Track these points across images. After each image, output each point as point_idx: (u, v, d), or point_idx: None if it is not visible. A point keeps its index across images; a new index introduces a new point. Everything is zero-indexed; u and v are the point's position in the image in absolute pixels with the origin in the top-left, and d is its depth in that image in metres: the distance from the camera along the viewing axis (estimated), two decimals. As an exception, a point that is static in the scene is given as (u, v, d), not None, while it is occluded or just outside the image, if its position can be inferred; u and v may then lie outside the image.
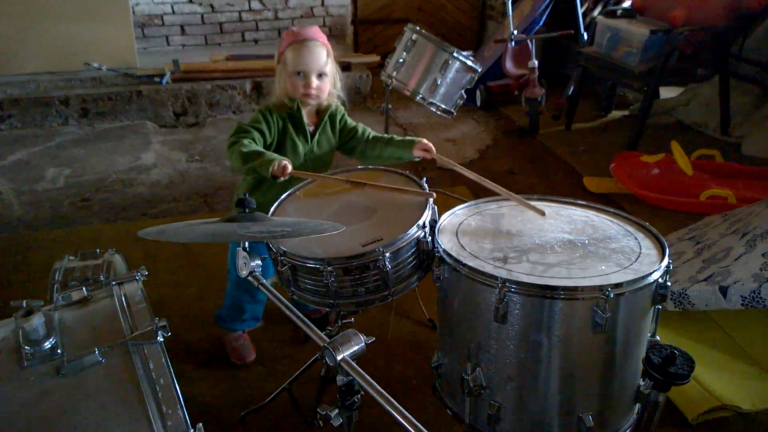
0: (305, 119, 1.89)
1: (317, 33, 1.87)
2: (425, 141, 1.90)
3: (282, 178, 1.66)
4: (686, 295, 2.13)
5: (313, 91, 1.84)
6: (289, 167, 1.66)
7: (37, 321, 1.08)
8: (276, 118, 1.86)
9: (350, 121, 2.02)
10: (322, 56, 1.84)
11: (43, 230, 3.06)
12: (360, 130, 2.01)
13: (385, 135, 2.01)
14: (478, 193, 3.40)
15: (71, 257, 1.85)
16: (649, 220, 1.53)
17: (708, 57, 3.79)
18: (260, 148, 1.77)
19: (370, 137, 2.00)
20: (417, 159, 1.93)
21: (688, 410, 1.89)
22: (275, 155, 1.71)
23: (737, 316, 2.21)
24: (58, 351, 1.08)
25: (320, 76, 1.85)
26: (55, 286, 1.69)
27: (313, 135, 1.92)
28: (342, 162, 2.09)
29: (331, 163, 2.04)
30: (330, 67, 1.88)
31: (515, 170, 3.74)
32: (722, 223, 2.65)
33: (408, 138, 1.94)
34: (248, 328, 2.18)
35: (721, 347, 2.15)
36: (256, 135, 1.81)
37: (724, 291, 2.04)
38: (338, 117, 1.99)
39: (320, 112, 1.95)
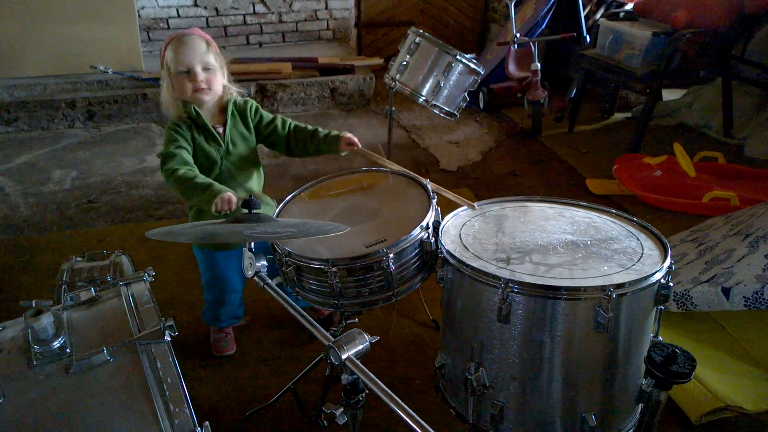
0: (208, 122, 1.81)
1: (194, 29, 1.81)
2: (348, 135, 1.86)
3: (228, 211, 1.57)
4: (689, 296, 2.14)
5: (203, 85, 1.75)
6: (234, 198, 1.57)
7: (46, 320, 1.09)
8: (183, 128, 1.79)
9: (266, 114, 1.95)
10: (202, 47, 1.75)
11: (50, 232, 3.08)
12: (279, 122, 1.93)
13: (308, 126, 1.94)
14: (481, 195, 3.41)
15: (78, 258, 1.87)
16: (651, 221, 1.54)
17: (710, 59, 3.80)
18: (195, 174, 1.70)
19: (292, 128, 1.94)
20: (343, 153, 1.91)
21: (691, 411, 1.89)
22: (215, 189, 1.61)
23: (740, 318, 2.21)
24: (67, 350, 1.10)
25: (206, 69, 1.76)
26: (63, 286, 1.70)
27: (223, 136, 1.84)
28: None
29: (258, 161, 1.96)
30: (214, 59, 1.78)
31: (518, 172, 3.75)
32: (725, 225, 2.66)
33: (332, 133, 1.89)
34: (230, 325, 2.21)
35: (724, 348, 2.15)
36: (183, 152, 1.75)
37: (726, 292, 2.05)
38: (250, 111, 1.90)
39: (224, 110, 1.86)
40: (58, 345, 1.10)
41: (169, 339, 1.12)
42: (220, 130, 1.84)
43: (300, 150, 1.94)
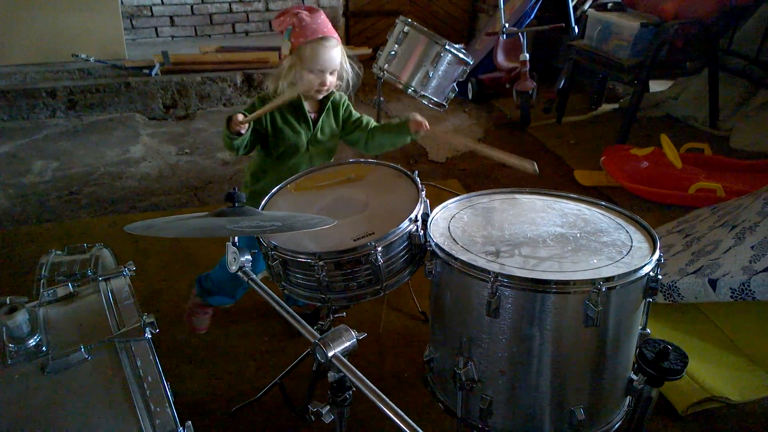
0: (306, 107, 1.88)
1: (331, 27, 1.85)
2: (417, 117, 1.90)
3: (241, 130, 1.70)
4: (676, 287, 2.14)
5: (325, 88, 1.85)
6: (239, 116, 1.69)
7: (21, 318, 1.06)
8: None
9: (355, 113, 2.02)
10: (339, 56, 1.85)
11: (30, 224, 3.02)
12: (365, 122, 2.01)
13: (383, 121, 2.02)
14: (470, 185, 3.40)
15: (58, 252, 1.82)
16: (638, 212, 1.53)
17: (697, 50, 3.80)
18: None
19: (372, 126, 2.01)
20: (417, 138, 1.93)
21: (677, 402, 1.90)
22: (228, 118, 1.73)
23: (726, 309, 2.22)
24: (43, 348, 1.07)
25: (333, 72, 1.85)
26: (42, 281, 1.66)
27: (315, 122, 1.92)
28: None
29: (335, 151, 2.04)
30: (343, 63, 1.89)
31: (506, 163, 3.74)
32: (711, 216, 2.67)
33: (401, 121, 1.94)
34: (219, 305, 2.15)
35: (711, 339, 2.16)
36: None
37: (713, 283, 2.05)
38: (342, 107, 1.98)
39: (322, 99, 1.94)
40: (34, 343, 1.06)
41: (149, 336, 1.09)
42: (313, 116, 1.92)
43: (376, 145, 1.99)
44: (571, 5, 4.36)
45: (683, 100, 4.39)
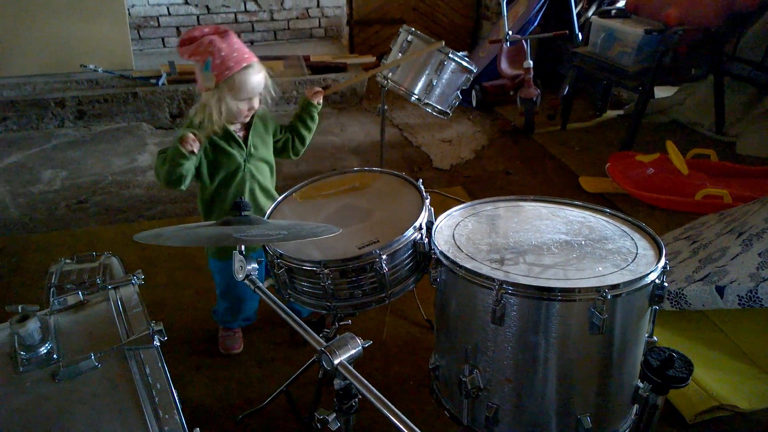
0: (232, 129, 1.86)
1: (247, 49, 1.80)
2: (310, 91, 2.00)
3: (194, 148, 1.70)
4: (683, 294, 2.13)
5: (254, 110, 1.85)
6: (190, 135, 1.68)
7: (33, 326, 1.07)
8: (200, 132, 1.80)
9: (276, 124, 2.03)
10: (263, 77, 1.82)
11: (39, 233, 3.05)
12: (285, 126, 2.05)
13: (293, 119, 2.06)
14: (474, 193, 3.40)
15: (67, 260, 1.83)
16: (644, 219, 1.53)
17: (702, 56, 3.80)
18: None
19: (289, 126, 2.05)
20: (319, 104, 2.01)
21: (685, 410, 1.89)
22: (177, 138, 1.72)
23: (734, 316, 2.21)
24: (54, 356, 1.08)
25: (259, 93, 1.85)
26: (51, 289, 1.67)
27: (245, 140, 1.89)
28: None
29: (272, 161, 2.03)
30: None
31: (511, 170, 3.75)
32: (718, 223, 2.66)
33: (300, 104, 2.03)
34: (240, 327, 2.22)
35: (719, 347, 2.15)
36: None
37: (720, 291, 2.04)
38: (268, 119, 1.98)
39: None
40: (45, 351, 1.07)
41: (158, 344, 1.10)
42: (242, 134, 1.90)
43: (298, 136, 2.03)
44: (574, 12, 4.37)
45: (689, 106, 4.38)
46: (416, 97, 2.49)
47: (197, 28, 1.78)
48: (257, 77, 1.79)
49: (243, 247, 1.32)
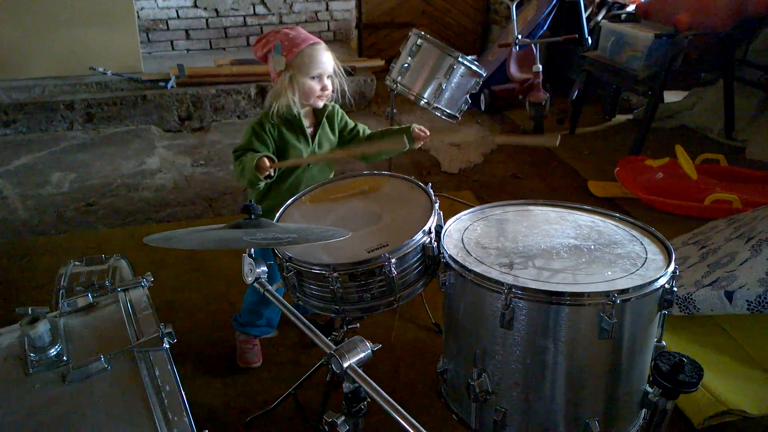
0: (304, 122, 1.90)
1: (314, 37, 1.87)
2: (417, 127, 1.95)
3: (271, 173, 1.73)
4: (691, 299, 2.12)
5: (326, 93, 1.87)
6: (266, 161, 1.71)
7: (43, 328, 1.07)
8: (269, 128, 1.86)
9: (350, 121, 2.04)
10: (331, 59, 1.87)
11: (48, 235, 3.06)
12: (360, 130, 2.03)
13: (376, 130, 2.05)
14: (483, 197, 3.40)
15: (76, 262, 1.85)
16: (653, 224, 1.52)
17: (712, 61, 3.79)
18: (245, 157, 1.80)
19: (368, 133, 2.04)
20: (414, 146, 1.95)
21: (694, 415, 1.88)
22: (250, 156, 1.75)
23: (743, 321, 2.20)
24: (64, 358, 1.08)
25: (329, 76, 1.87)
26: (61, 291, 1.68)
27: (313, 136, 1.93)
28: (346, 167, 2.09)
29: (334, 163, 2.05)
30: (335, 69, 1.91)
31: (519, 174, 3.74)
32: (727, 228, 2.64)
33: (401, 128, 1.97)
34: (262, 335, 2.18)
35: (727, 352, 2.14)
36: (253, 152, 1.82)
37: (729, 296, 2.03)
38: (337, 117, 2.00)
39: (317, 113, 1.96)
40: (55, 353, 1.08)
41: (167, 346, 1.10)
42: (310, 130, 1.93)
43: (373, 151, 2.02)
44: (584, 16, 4.37)
45: (698, 110, 4.36)
46: (425, 100, 2.50)
47: (269, 31, 1.88)
48: (326, 54, 1.84)
49: (253, 249, 1.32)
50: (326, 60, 1.84)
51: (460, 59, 2.43)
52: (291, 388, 1.88)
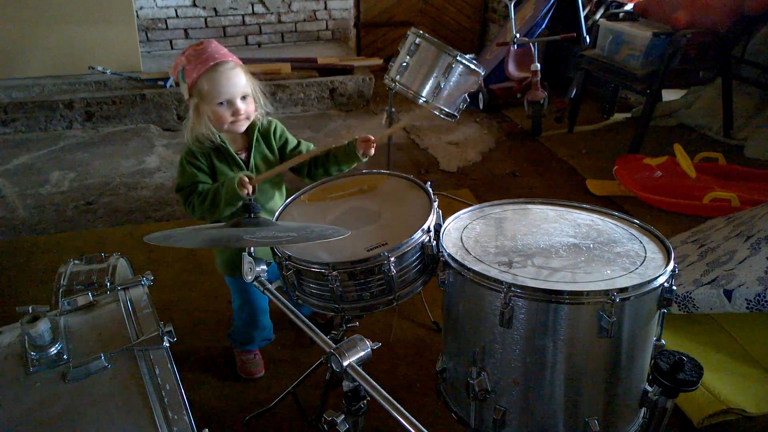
0: (231, 149, 1.74)
1: (226, 51, 1.69)
2: (362, 138, 1.75)
3: (251, 192, 1.60)
4: (690, 298, 2.13)
5: (242, 117, 1.68)
6: (244, 177, 1.60)
7: (43, 327, 1.08)
8: (200, 158, 1.72)
9: (292, 138, 1.88)
10: (241, 77, 1.67)
11: (48, 234, 3.06)
12: (303, 147, 1.87)
13: (309, 144, 1.90)
14: (482, 196, 3.40)
15: (76, 261, 1.84)
16: (651, 222, 1.53)
17: (711, 59, 3.79)
18: (208, 188, 1.69)
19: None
20: (365, 159, 1.79)
21: (693, 414, 1.88)
22: (229, 177, 1.62)
23: (742, 320, 2.20)
24: (64, 356, 1.08)
25: (244, 98, 1.68)
26: (60, 290, 1.68)
27: (246, 162, 1.77)
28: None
29: (282, 182, 1.91)
30: (250, 84, 1.71)
31: (518, 173, 3.75)
32: (726, 226, 2.65)
33: (346, 144, 1.79)
34: (260, 347, 2.14)
35: (726, 350, 2.14)
36: (202, 183, 1.72)
37: (728, 294, 2.04)
38: (275, 134, 1.83)
39: (248, 133, 1.78)
40: (55, 351, 1.08)
41: (167, 345, 1.10)
42: (243, 155, 1.78)
43: (321, 171, 1.84)
44: (582, 15, 4.36)
45: (696, 109, 4.37)
46: (424, 99, 2.49)
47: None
48: (230, 75, 1.63)
49: (252, 249, 1.32)
50: (233, 82, 1.64)
51: (458, 58, 2.43)
52: (290, 386, 1.88)
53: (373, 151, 1.77)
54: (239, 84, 1.66)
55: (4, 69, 4.47)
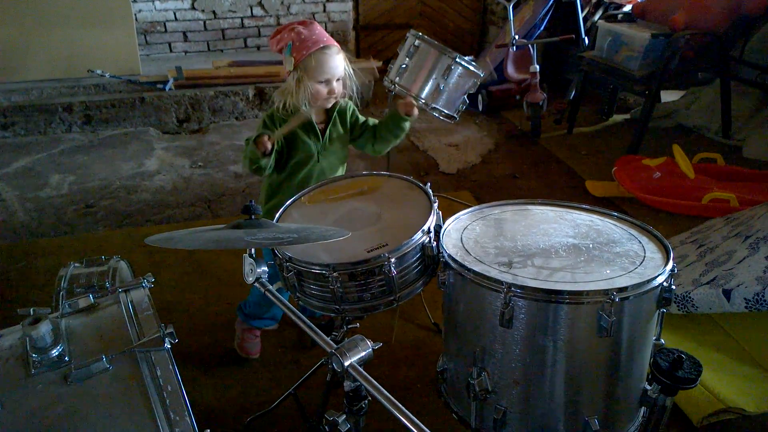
0: (314, 119, 1.92)
1: (329, 36, 1.89)
2: (402, 103, 1.99)
3: (268, 149, 1.76)
4: (690, 298, 2.13)
5: (334, 96, 1.89)
6: (265, 136, 1.75)
7: (45, 329, 1.08)
8: (277, 122, 1.89)
9: (360, 116, 2.07)
10: (342, 62, 1.88)
11: (48, 237, 3.07)
12: (370, 123, 2.06)
13: (375, 120, 2.09)
14: (481, 197, 3.41)
15: (76, 264, 1.85)
16: (651, 223, 1.53)
17: (709, 60, 3.80)
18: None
19: (375, 124, 2.08)
20: (411, 117, 2.01)
21: (692, 413, 1.88)
22: (253, 139, 1.79)
23: (741, 319, 2.20)
24: (66, 358, 1.08)
25: (338, 80, 1.89)
26: (61, 293, 1.69)
27: (323, 133, 1.95)
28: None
29: (347, 158, 2.07)
30: (345, 70, 1.93)
31: (517, 174, 3.75)
32: (725, 226, 2.66)
33: (390, 111, 2.02)
34: (264, 327, 2.19)
35: (725, 350, 2.15)
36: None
37: (727, 294, 2.04)
38: (348, 113, 2.03)
39: (328, 110, 1.98)
40: (57, 353, 1.08)
41: (168, 346, 1.10)
42: (321, 126, 1.96)
43: (381, 142, 2.04)
44: (581, 16, 4.38)
45: (695, 110, 4.38)
46: (423, 101, 2.50)
47: (286, 24, 1.89)
48: (335, 59, 1.85)
49: (253, 250, 1.33)
50: (336, 65, 1.85)
51: (457, 59, 2.43)
52: (291, 387, 1.88)
53: (416, 110, 2.01)
54: (339, 67, 1.88)
55: (4, 72, 4.47)
